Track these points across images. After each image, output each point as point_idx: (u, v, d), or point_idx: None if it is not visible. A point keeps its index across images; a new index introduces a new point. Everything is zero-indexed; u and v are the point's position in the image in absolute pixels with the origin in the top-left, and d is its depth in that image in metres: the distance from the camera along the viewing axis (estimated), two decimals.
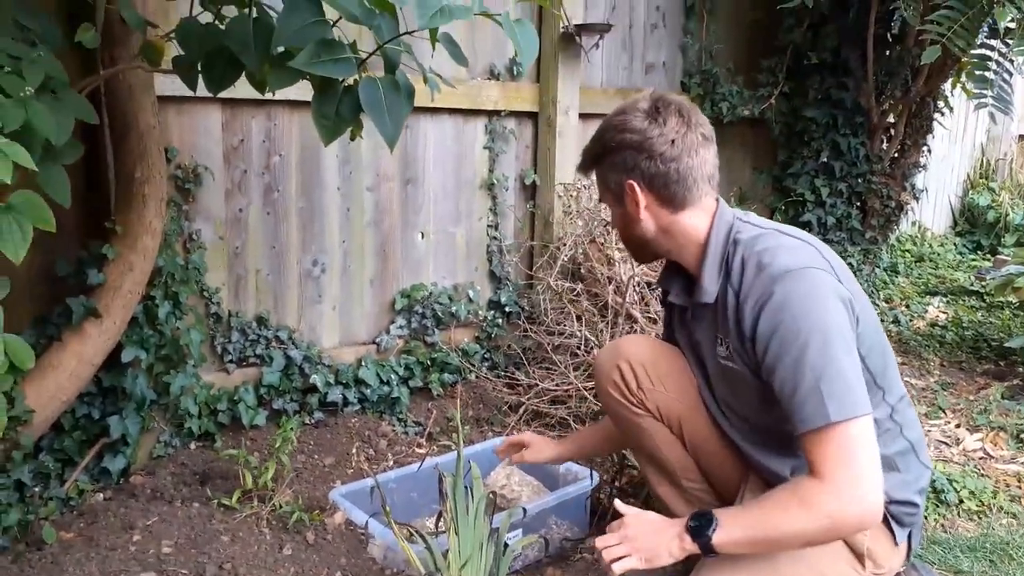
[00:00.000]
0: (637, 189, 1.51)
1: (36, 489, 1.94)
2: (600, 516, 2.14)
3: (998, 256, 5.29)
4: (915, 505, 1.55)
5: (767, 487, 1.60)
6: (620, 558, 1.37)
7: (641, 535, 1.40)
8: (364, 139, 2.67)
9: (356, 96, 1.28)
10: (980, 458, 2.62)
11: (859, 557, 1.49)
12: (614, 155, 1.51)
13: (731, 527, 1.34)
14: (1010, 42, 2.99)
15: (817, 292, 1.38)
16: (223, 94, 2.15)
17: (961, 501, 2.30)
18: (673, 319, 1.74)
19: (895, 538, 1.52)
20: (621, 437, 1.93)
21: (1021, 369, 3.37)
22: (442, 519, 1.70)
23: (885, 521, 1.50)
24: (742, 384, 1.52)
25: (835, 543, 1.46)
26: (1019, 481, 2.46)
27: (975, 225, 6.28)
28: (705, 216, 1.53)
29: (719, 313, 1.51)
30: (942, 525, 2.21)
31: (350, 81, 1.33)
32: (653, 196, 1.51)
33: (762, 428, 1.57)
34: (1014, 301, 4.22)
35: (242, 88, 2.28)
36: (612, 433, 1.95)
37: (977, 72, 3.09)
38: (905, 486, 1.53)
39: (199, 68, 1.52)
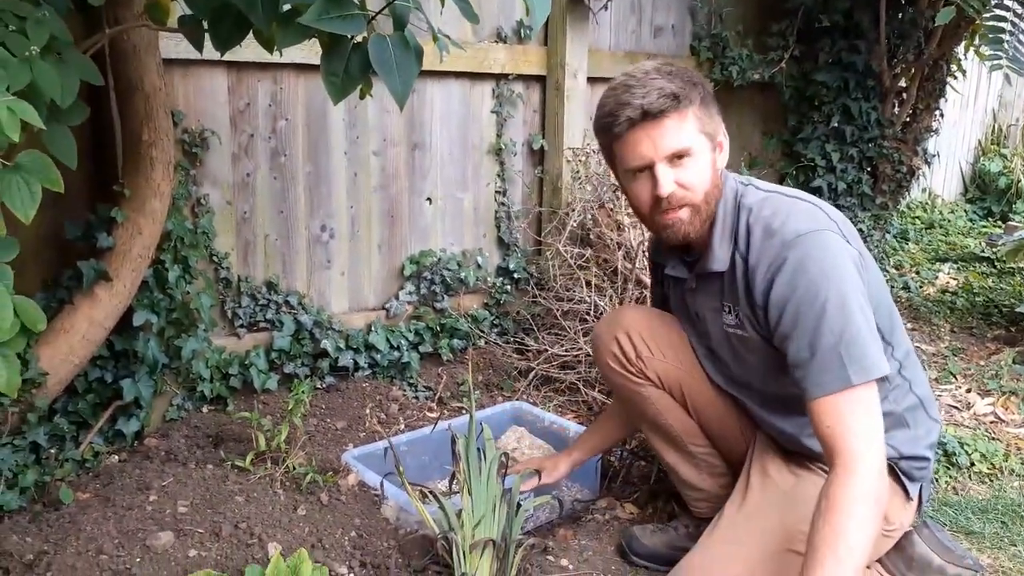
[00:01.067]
0: (725, 137, 1.49)
1: (52, 451, 1.96)
2: (611, 479, 2.15)
3: (1009, 223, 5.26)
4: (926, 459, 1.56)
5: (775, 445, 1.61)
6: None
7: None
8: (371, 102, 2.67)
9: (365, 54, 1.26)
10: (991, 422, 2.62)
11: None
12: (710, 98, 1.46)
13: None
14: None
15: (829, 255, 1.36)
16: (229, 57, 2.14)
17: (972, 464, 2.30)
18: (668, 292, 1.73)
19: (907, 494, 1.53)
20: (627, 416, 1.94)
21: None
22: (455, 480, 1.71)
23: (896, 478, 1.51)
24: (751, 352, 1.52)
25: None
26: None
27: (986, 192, 6.23)
28: None
29: (726, 281, 1.50)
30: (953, 488, 2.21)
31: (359, 39, 1.31)
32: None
33: (769, 395, 1.57)
34: None
35: (248, 51, 2.26)
36: (618, 420, 1.96)
37: (991, 34, 3.04)
38: (915, 441, 1.53)
39: (205, 27, 1.50)
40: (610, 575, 1.78)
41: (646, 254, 2.80)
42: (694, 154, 1.43)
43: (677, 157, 1.42)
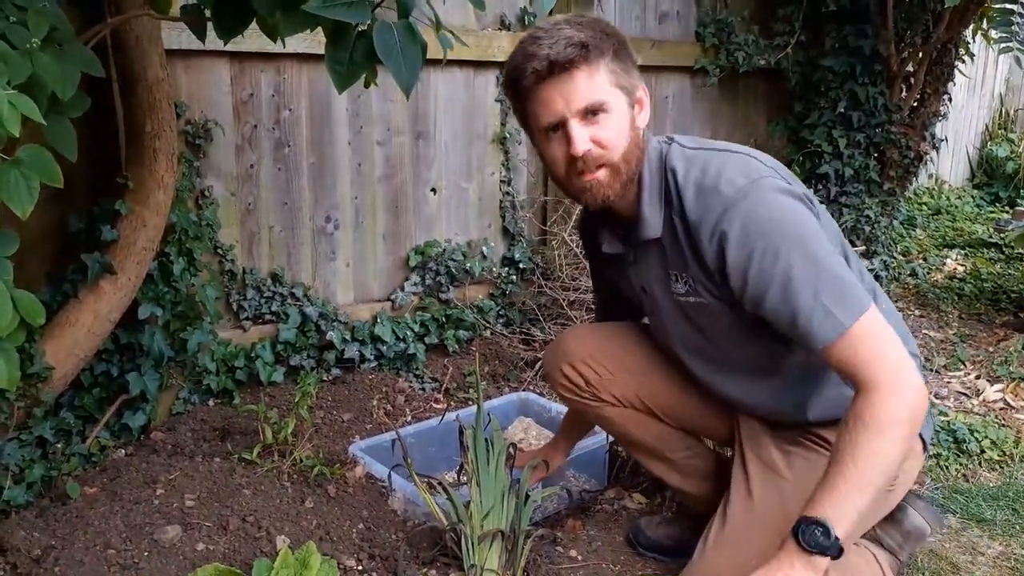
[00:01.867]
0: (645, 94, 1.39)
1: (58, 445, 1.95)
2: (619, 468, 2.14)
3: (1017, 208, 5.22)
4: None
5: (760, 423, 1.57)
6: None
7: None
8: (374, 92, 2.65)
9: (370, 42, 1.24)
10: (1001, 408, 2.61)
11: None
12: (624, 50, 1.36)
13: (844, 515, 1.19)
14: None
15: (776, 204, 1.29)
16: (231, 47, 2.14)
17: (982, 451, 2.29)
18: (607, 271, 1.66)
19: (924, 441, 1.50)
20: None
21: None
22: (463, 471, 1.70)
23: None
24: (711, 318, 1.43)
25: None
26: None
27: (993, 177, 6.19)
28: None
29: (667, 248, 1.42)
30: (963, 475, 2.20)
31: (363, 27, 1.29)
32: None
33: (735, 362, 1.50)
34: None
35: (251, 41, 2.25)
36: None
37: (1001, 17, 3.01)
38: None
39: (208, 16, 1.48)
40: (619, 566, 1.77)
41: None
42: (609, 110, 1.33)
43: (591, 112, 1.32)
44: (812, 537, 1.19)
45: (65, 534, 1.66)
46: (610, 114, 1.33)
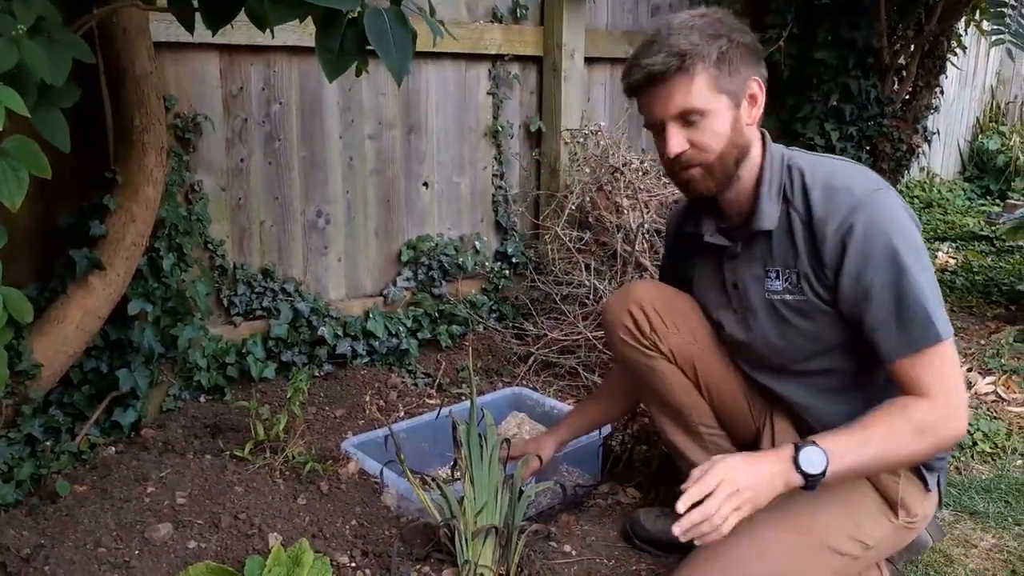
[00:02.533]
0: (760, 89, 1.43)
1: (47, 443, 1.93)
2: (613, 463, 2.14)
3: (1008, 201, 5.24)
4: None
5: (796, 428, 1.58)
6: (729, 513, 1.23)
7: (743, 482, 1.25)
8: (365, 85, 2.64)
9: (360, 29, 1.23)
10: (993, 401, 2.61)
11: (892, 506, 1.48)
12: (736, 51, 1.39)
13: (841, 457, 1.28)
14: None
15: (900, 215, 1.36)
16: (221, 40, 2.12)
17: (975, 443, 2.29)
18: (693, 266, 1.67)
19: (926, 484, 1.51)
20: (617, 398, 1.92)
21: None
22: (456, 466, 1.69)
23: (915, 469, 1.48)
24: (807, 314, 1.45)
25: (872, 492, 1.46)
26: None
27: (984, 170, 6.21)
28: (758, 140, 1.48)
29: (776, 241, 1.46)
30: (956, 468, 2.20)
31: (354, 14, 1.27)
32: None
33: (809, 373, 1.52)
34: None
35: (240, 33, 2.24)
36: (605, 403, 1.93)
37: (993, 9, 3.01)
38: None
39: (196, 6, 1.46)
40: (613, 560, 1.76)
41: (645, 234, 2.77)
42: (708, 114, 1.38)
43: (687, 117, 1.38)
44: (810, 459, 1.27)
45: (55, 533, 1.64)
46: (707, 118, 1.38)
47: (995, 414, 2.50)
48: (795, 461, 1.27)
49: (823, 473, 1.26)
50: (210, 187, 2.39)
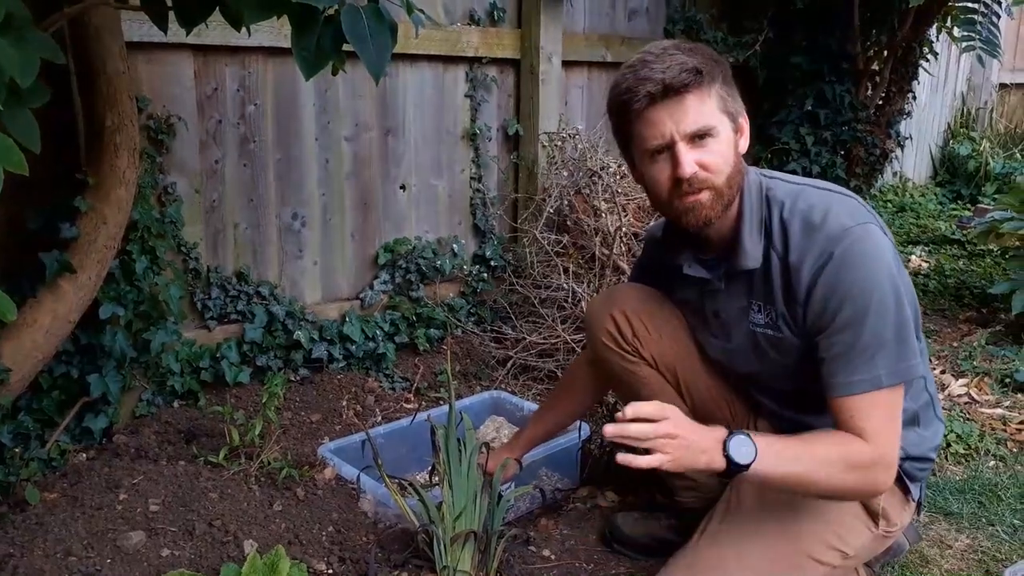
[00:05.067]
0: (746, 120, 1.41)
1: (16, 450, 1.89)
2: (591, 467, 2.13)
3: (979, 205, 5.31)
4: (929, 461, 1.55)
5: (777, 431, 1.58)
6: (645, 453, 1.23)
7: (684, 437, 1.25)
8: (342, 87, 2.62)
9: (338, 27, 1.22)
10: (966, 403, 2.64)
11: (873, 516, 1.49)
12: (732, 82, 1.38)
13: (771, 464, 1.28)
14: None
15: (877, 251, 1.32)
16: (195, 40, 2.09)
17: (948, 445, 2.31)
18: (675, 288, 1.64)
19: (908, 495, 1.52)
20: (596, 394, 1.92)
21: (1004, 315, 3.39)
22: (435, 471, 1.68)
23: (899, 479, 1.49)
24: (783, 353, 1.45)
25: (854, 504, 1.47)
26: (1004, 424, 2.48)
27: (955, 175, 6.30)
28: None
29: (758, 278, 1.43)
30: (931, 469, 2.22)
31: (331, 12, 1.26)
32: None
33: (791, 392, 1.53)
34: (996, 249, 4.24)
35: (215, 33, 2.21)
36: (577, 402, 1.91)
37: (964, 15, 3.06)
38: (923, 442, 1.51)
39: (169, 4, 1.43)
40: (593, 564, 1.76)
41: (623, 237, 2.77)
42: (717, 134, 1.34)
43: (699, 137, 1.33)
44: (739, 448, 1.27)
45: (24, 541, 1.60)
46: (717, 139, 1.35)
47: (968, 416, 2.53)
48: (724, 444, 1.27)
49: (747, 467, 1.26)
50: (184, 189, 2.35)
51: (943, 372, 2.87)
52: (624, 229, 2.77)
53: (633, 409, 1.24)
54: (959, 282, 3.94)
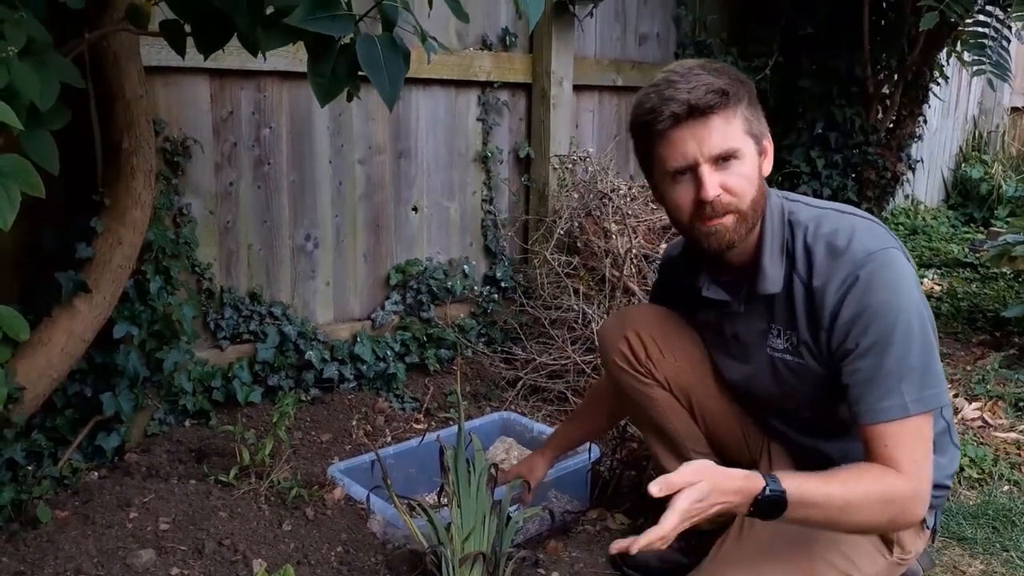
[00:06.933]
0: (770, 142, 1.39)
1: (29, 468, 1.90)
2: (601, 489, 2.13)
3: (991, 228, 5.29)
4: (946, 488, 1.53)
5: (793, 461, 1.57)
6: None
7: (716, 501, 1.22)
8: (356, 110, 2.65)
9: (352, 55, 1.24)
10: (979, 427, 2.62)
11: (888, 544, 1.47)
12: (758, 103, 1.37)
13: (801, 510, 1.23)
14: (1009, 8, 2.96)
15: (900, 277, 1.30)
16: (211, 64, 2.12)
17: (962, 469, 2.29)
18: (696, 313, 1.62)
19: (923, 523, 1.50)
20: (617, 413, 1.91)
21: (1017, 339, 3.37)
22: (444, 492, 1.68)
23: None
24: (802, 380, 1.44)
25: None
26: (1019, 449, 2.46)
27: (968, 198, 6.28)
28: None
29: (780, 302, 1.41)
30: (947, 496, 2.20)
31: (346, 40, 1.29)
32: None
33: (808, 420, 1.51)
34: (1009, 272, 4.22)
35: (231, 58, 2.24)
36: (591, 418, 1.93)
37: (974, 40, 3.06)
38: (940, 469, 1.48)
39: (188, 31, 1.47)
40: None
41: (633, 259, 2.78)
42: (742, 157, 1.32)
43: (723, 159, 1.31)
44: (770, 500, 1.21)
45: (35, 559, 1.61)
46: (741, 161, 1.32)
47: (982, 440, 2.51)
48: (755, 504, 1.23)
49: (775, 518, 1.24)
50: (198, 210, 2.38)
51: (956, 396, 2.85)
52: (634, 251, 2.78)
53: (659, 488, 1.21)
54: (972, 305, 3.92)
